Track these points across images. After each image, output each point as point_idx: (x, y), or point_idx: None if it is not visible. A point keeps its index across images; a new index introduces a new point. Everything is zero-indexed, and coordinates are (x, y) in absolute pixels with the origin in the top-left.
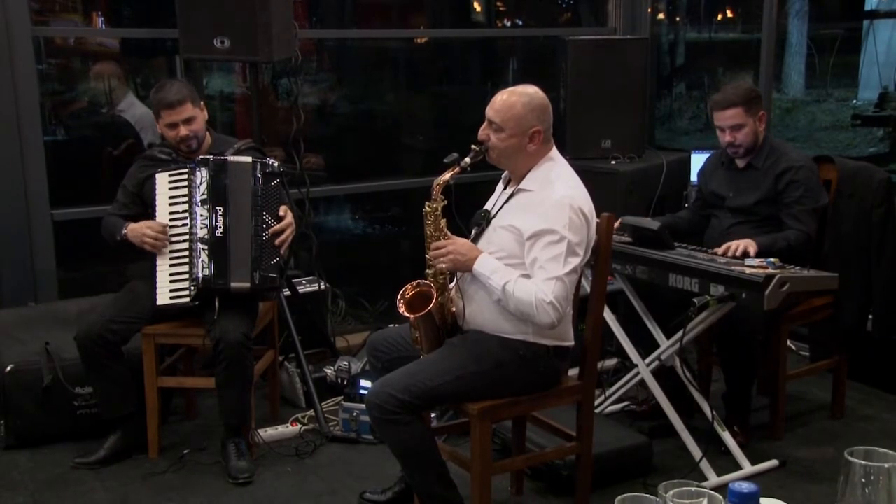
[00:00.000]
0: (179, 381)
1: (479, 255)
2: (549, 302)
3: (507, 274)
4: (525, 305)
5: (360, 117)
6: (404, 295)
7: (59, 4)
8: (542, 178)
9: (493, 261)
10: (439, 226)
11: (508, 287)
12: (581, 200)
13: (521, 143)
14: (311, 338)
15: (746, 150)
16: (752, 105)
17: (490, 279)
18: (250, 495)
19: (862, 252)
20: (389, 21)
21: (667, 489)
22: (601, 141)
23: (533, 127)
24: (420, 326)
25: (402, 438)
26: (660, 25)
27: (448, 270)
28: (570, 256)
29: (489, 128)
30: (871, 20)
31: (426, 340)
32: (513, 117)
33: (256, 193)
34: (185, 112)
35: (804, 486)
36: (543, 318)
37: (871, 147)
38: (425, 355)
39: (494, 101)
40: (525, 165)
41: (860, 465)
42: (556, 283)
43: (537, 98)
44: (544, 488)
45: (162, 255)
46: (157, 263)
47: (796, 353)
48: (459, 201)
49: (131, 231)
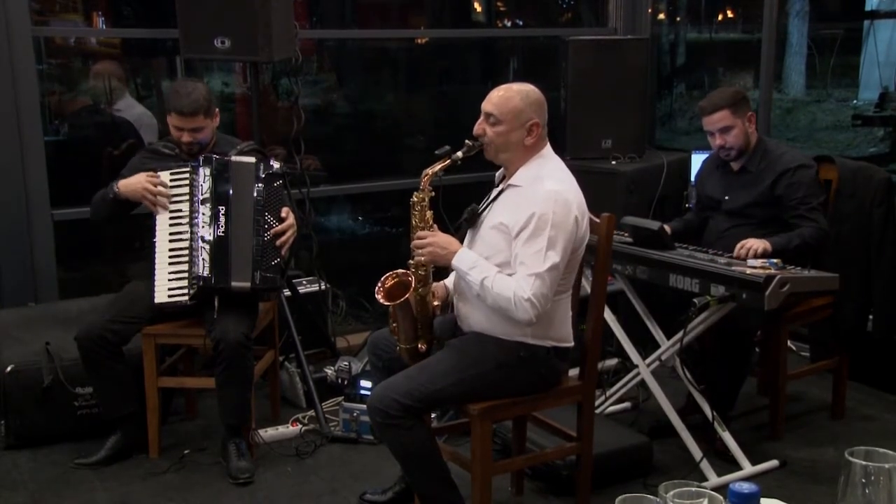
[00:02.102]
0: (180, 381)
1: (458, 249)
2: (526, 298)
3: (486, 270)
4: (503, 301)
5: (360, 117)
6: (384, 284)
7: (60, 4)
8: (533, 175)
9: (472, 256)
10: (425, 217)
11: (486, 282)
12: (569, 196)
13: (520, 137)
14: (312, 338)
15: (739, 152)
16: (739, 106)
17: (468, 274)
18: (251, 495)
19: (862, 252)
20: (389, 21)
21: (667, 489)
22: (601, 141)
23: (531, 120)
24: (397, 316)
25: (405, 442)
26: (660, 25)
27: (427, 263)
28: (550, 251)
29: (486, 122)
30: (872, 20)
31: (402, 331)
32: (511, 110)
33: (259, 194)
34: (194, 122)
35: (804, 487)
36: (521, 315)
37: (871, 147)
38: (404, 346)
39: (491, 96)
40: (521, 160)
41: (860, 465)
42: (536, 280)
43: (534, 93)
44: (545, 488)
45: (161, 248)
46: (156, 262)
47: (797, 354)
48: (455, 202)
49: (124, 185)
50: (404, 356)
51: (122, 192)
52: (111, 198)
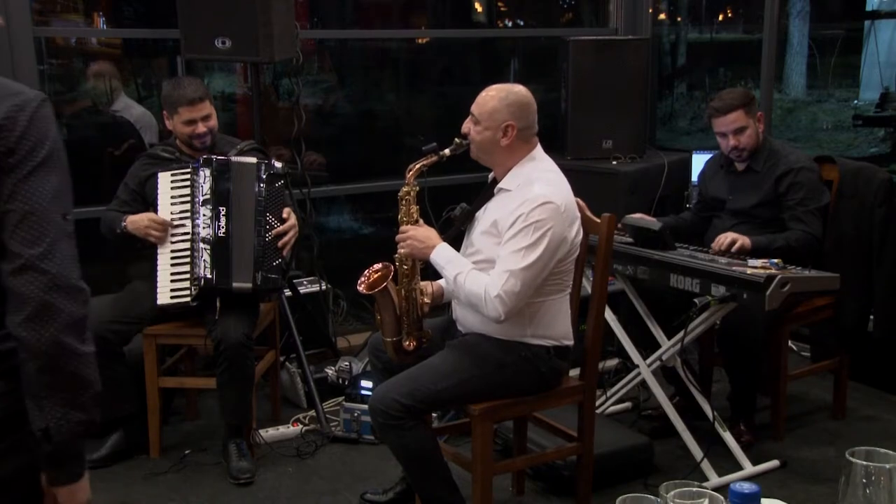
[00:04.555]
0: (180, 381)
1: (437, 244)
2: (495, 295)
3: (460, 266)
4: (474, 297)
5: (360, 117)
6: (368, 278)
7: (61, 5)
8: (523, 178)
9: (448, 251)
10: (410, 211)
11: (459, 278)
12: (557, 199)
13: (495, 137)
14: (313, 338)
15: (749, 153)
16: (751, 106)
17: (444, 269)
18: (251, 495)
19: (863, 252)
20: (390, 21)
21: (668, 489)
22: (602, 141)
23: (506, 121)
24: (378, 306)
25: (406, 443)
26: (661, 26)
27: (407, 256)
28: (528, 252)
29: (471, 121)
30: (873, 20)
31: (384, 322)
32: (488, 111)
33: (260, 195)
34: (204, 109)
35: (805, 487)
36: (490, 311)
37: (872, 147)
38: (387, 339)
39: (478, 96)
40: (503, 162)
41: (861, 465)
42: (509, 277)
43: (516, 95)
44: (545, 488)
45: (163, 250)
46: (157, 263)
47: (797, 354)
48: (450, 201)
49: (131, 223)
50: (388, 350)
51: (130, 228)
52: (119, 233)
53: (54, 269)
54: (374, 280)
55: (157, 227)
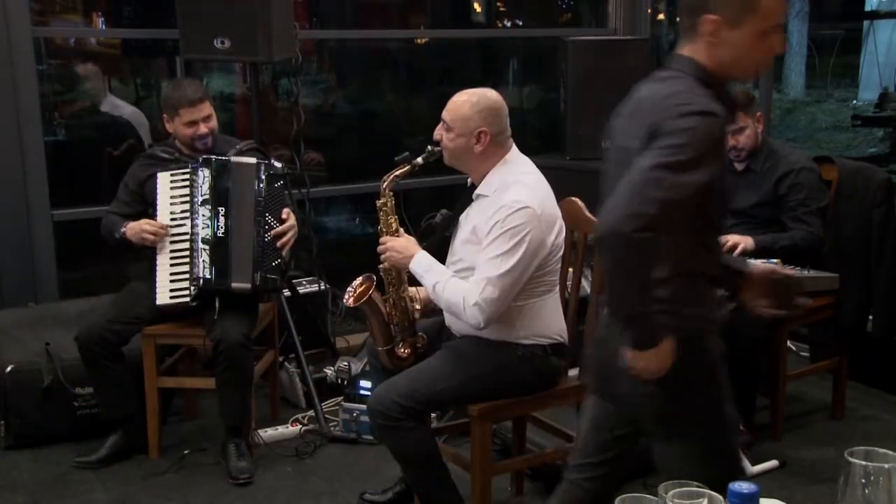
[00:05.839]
0: (180, 381)
1: (415, 253)
2: (473, 303)
3: (439, 275)
4: (454, 306)
5: (360, 117)
6: (355, 290)
7: (60, 5)
8: (499, 183)
9: (428, 259)
10: (388, 221)
11: (438, 287)
12: (534, 202)
13: (469, 144)
14: (312, 338)
15: (748, 153)
16: (751, 107)
17: (423, 278)
18: (251, 496)
19: (862, 252)
20: (389, 21)
21: (667, 489)
22: (602, 141)
23: (479, 128)
24: (367, 316)
25: (405, 444)
26: (660, 26)
27: (388, 267)
28: (505, 258)
29: (442, 128)
30: (872, 21)
31: (375, 333)
32: (460, 117)
33: (259, 195)
34: (205, 110)
35: (804, 487)
36: (470, 319)
37: (871, 147)
38: (380, 348)
39: (449, 102)
40: (478, 168)
41: (860, 465)
42: (487, 285)
43: (487, 100)
44: (544, 488)
45: (162, 252)
46: (157, 263)
47: (796, 354)
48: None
49: (130, 229)
50: (382, 359)
51: (129, 235)
52: (117, 238)
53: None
54: (360, 293)
55: (151, 231)
